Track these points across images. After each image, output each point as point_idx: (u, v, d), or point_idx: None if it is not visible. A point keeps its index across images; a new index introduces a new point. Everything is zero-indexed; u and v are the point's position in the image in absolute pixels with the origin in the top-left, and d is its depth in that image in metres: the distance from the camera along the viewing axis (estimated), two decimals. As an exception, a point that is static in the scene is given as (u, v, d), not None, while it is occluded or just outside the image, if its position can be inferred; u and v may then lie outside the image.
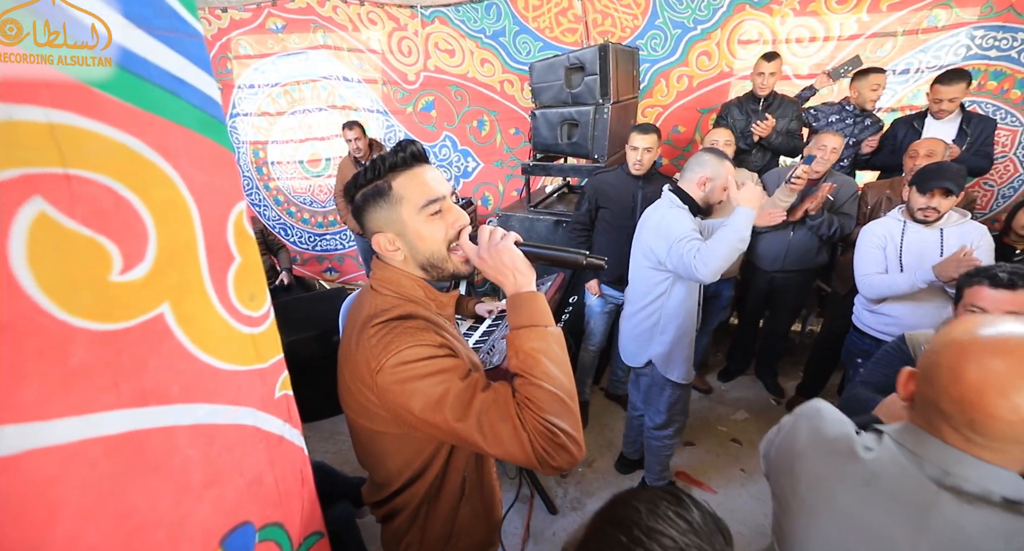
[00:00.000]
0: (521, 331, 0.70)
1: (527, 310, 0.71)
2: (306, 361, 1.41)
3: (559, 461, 0.64)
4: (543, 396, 0.65)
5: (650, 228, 1.65)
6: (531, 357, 0.67)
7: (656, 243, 1.60)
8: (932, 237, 1.74)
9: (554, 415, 0.64)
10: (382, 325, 0.70)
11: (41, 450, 0.37)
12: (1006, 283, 0.99)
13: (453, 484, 0.83)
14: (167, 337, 0.49)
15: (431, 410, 0.66)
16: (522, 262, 0.73)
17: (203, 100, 0.51)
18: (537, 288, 0.75)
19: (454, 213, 0.77)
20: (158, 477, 0.48)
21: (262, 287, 0.62)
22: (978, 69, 2.62)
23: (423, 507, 0.83)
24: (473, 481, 0.86)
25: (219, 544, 0.57)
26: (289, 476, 0.71)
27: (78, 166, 0.39)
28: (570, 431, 0.64)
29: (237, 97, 3.68)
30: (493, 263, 0.73)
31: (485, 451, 0.67)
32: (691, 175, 1.61)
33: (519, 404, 0.66)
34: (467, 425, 0.65)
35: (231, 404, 0.58)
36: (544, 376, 0.66)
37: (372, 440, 0.79)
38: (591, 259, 0.75)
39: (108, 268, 0.43)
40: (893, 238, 1.80)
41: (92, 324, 0.41)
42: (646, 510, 0.47)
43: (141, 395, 0.46)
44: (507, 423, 0.64)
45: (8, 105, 0.34)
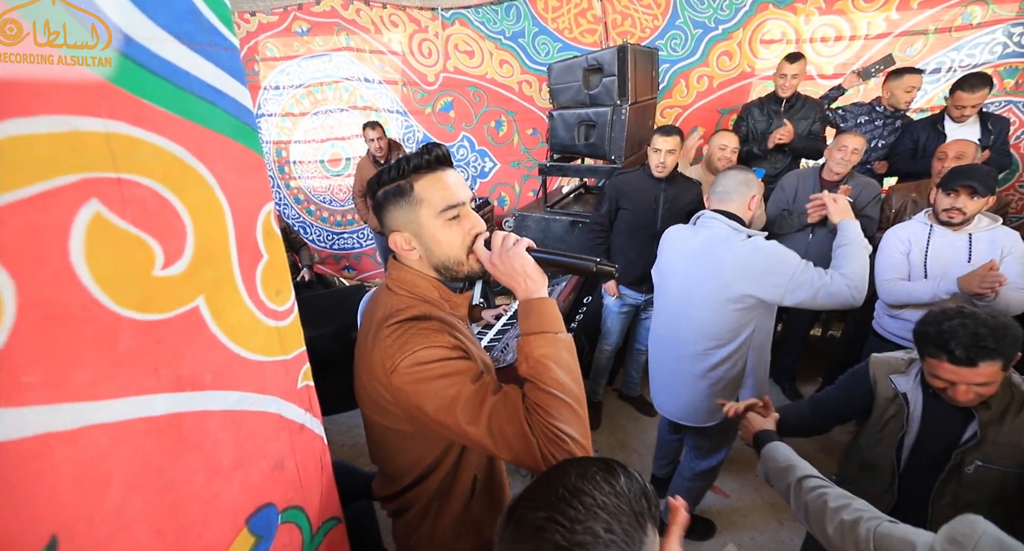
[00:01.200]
0: (531, 337, 0.70)
1: (537, 316, 0.71)
2: (325, 356, 1.45)
3: None
4: (552, 402, 0.65)
5: (739, 265, 1.40)
6: (541, 363, 0.68)
7: (761, 280, 1.39)
8: (960, 242, 1.66)
9: (562, 421, 0.65)
10: (397, 325, 0.72)
11: (95, 427, 0.41)
12: (964, 361, 0.96)
13: (464, 482, 0.84)
14: (201, 328, 0.53)
15: (444, 411, 0.67)
16: (533, 268, 0.74)
17: (237, 108, 0.55)
18: (551, 288, 0.77)
19: (471, 219, 0.78)
20: (193, 457, 0.53)
21: (287, 283, 0.66)
22: (1016, 68, 2.52)
23: (434, 503, 0.84)
24: (484, 479, 0.87)
25: (245, 522, 0.62)
26: (310, 463, 0.75)
27: (128, 171, 0.43)
28: (578, 437, 0.65)
29: (263, 98, 3.79)
30: (505, 269, 0.73)
31: (494, 454, 0.68)
32: (738, 197, 1.47)
33: (528, 409, 0.66)
34: (478, 429, 0.66)
35: (257, 392, 0.62)
36: (553, 382, 0.67)
37: (386, 436, 0.81)
38: (602, 266, 0.76)
39: (152, 264, 0.47)
40: (918, 243, 1.73)
41: (137, 314, 0.45)
42: (576, 473, 0.50)
43: (178, 381, 0.50)
44: (516, 427, 0.65)
45: (71, 117, 0.38)
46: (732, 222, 1.45)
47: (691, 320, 1.52)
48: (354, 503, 1.46)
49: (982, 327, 0.97)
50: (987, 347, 0.96)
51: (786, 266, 1.36)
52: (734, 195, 1.48)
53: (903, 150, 2.44)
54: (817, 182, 2.26)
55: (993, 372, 0.96)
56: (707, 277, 1.46)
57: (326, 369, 1.29)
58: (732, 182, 1.49)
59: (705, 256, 1.46)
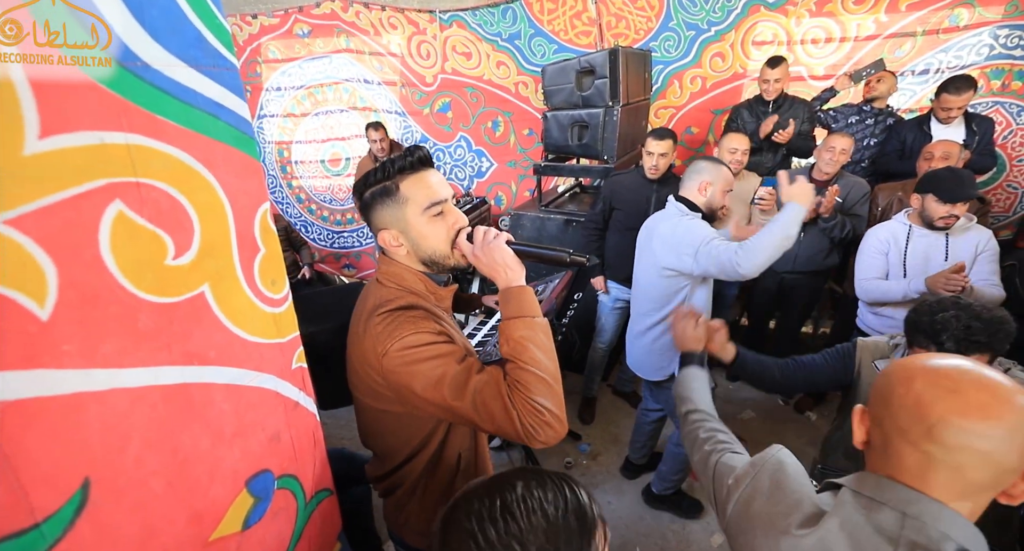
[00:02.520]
0: (511, 321, 0.76)
1: (516, 303, 0.78)
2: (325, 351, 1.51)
3: (544, 436, 0.71)
4: (531, 379, 0.72)
5: (663, 239, 1.62)
6: (520, 344, 0.74)
7: (675, 252, 1.58)
8: (938, 242, 1.71)
9: (540, 396, 0.71)
10: (387, 314, 0.78)
11: (119, 390, 0.50)
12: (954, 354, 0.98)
13: (449, 460, 0.90)
14: (206, 311, 0.61)
15: (431, 389, 0.73)
16: (512, 259, 0.80)
17: (237, 120, 0.63)
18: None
19: (454, 215, 0.84)
20: (199, 423, 0.61)
21: (282, 274, 0.74)
22: (1002, 69, 2.56)
23: (421, 481, 0.91)
24: (468, 459, 0.93)
25: (245, 484, 0.70)
26: (303, 437, 0.83)
27: (145, 176, 0.52)
28: (554, 410, 0.72)
29: (265, 99, 3.88)
30: (487, 260, 0.80)
31: (479, 427, 0.75)
32: (691, 183, 1.62)
33: (509, 386, 0.72)
34: (463, 403, 0.72)
35: (256, 370, 0.70)
36: (531, 361, 0.73)
37: (377, 419, 0.88)
38: (574, 256, 0.83)
39: (165, 254, 0.55)
40: (898, 243, 1.78)
41: (153, 297, 0.54)
42: (522, 490, 0.51)
43: (187, 356, 0.58)
44: (498, 402, 0.71)
45: (102, 132, 0.46)
46: (680, 205, 1.64)
47: (639, 284, 1.81)
48: (352, 489, 1.54)
49: (975, 320, 0.96)
50: (979, 341, 0.96)
51: (694, 239, 1.52)
52: (687, 182, 1.65)
53: (890, 150, 2.49)
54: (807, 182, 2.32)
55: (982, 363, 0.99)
56: (649, 249, 1.70)
57: (327, 364, 1.36)
58: (690, 171, 1.65)
59: (654, 231, 1.69)
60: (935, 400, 0.52)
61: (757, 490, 0.68)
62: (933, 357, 0.58)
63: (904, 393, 0.55)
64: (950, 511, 0.52)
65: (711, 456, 0.83)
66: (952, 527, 0.51)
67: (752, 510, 0.67)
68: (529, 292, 0.80)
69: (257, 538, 0.73)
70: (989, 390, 0.51)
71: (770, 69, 2.48)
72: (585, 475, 2.27)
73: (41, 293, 0.43)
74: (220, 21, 0.59)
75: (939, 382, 0.53)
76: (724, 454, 0.81)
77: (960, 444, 0.51)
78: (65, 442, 0.46)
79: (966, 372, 0.53)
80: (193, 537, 0.62)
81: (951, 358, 0.57)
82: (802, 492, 0.64)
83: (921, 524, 0.52)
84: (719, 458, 0.80)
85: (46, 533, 0.45)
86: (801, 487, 0.65)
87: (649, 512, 2.06)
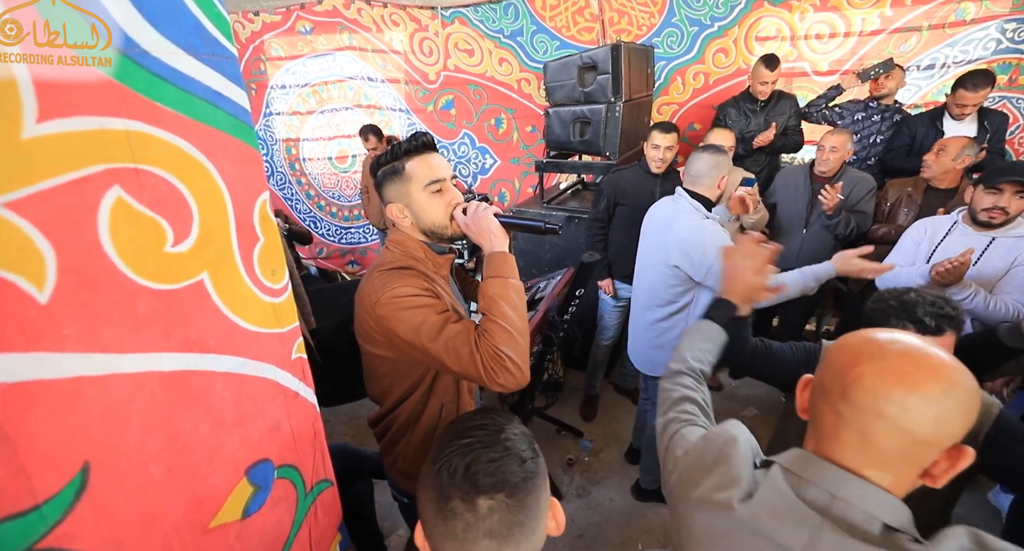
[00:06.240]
0: (489, 280, 0.87)
1: (496, 265, 0.89)
2: (329, 348, 1.51)
3: (503, 379, 0.81)
4: (497, 329, 0.83)
5: (681, 241, 1.56)
6: (492, 300, 0.85)
7: (689, 259, 1.53)
8: (979, 244, 1.52)
9: (504, 345, 0.82)
10: (385, 271, 0.92)
11: (118, 375, 0.50)
12: (934, 330, 0.95)
13: (433, 407, 1.02)
14: (206, 299, 0.61)
15: (411, 333, 0.85)
16: (497, 228, 0.92)
17: (235, 109, 0.63)
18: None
19: (452, 193, 0.96)
20: (199, 410, 0.61)
21: (282, 264, 0.74)
22: (1009, 64, 2.53)
23: (409, 425, 1.04)
24: (450, 409, 1.05)
25: (245, 472, 0.70)
26: (303, 427, 0.83)
27: (144, 162, 0.52)
28: (515, 358, 0.82)
29: (271, 97, 3.90)
30: (476, 229, 0.92)
31: (448, 368, 0.85)
32: (707, 179, 1.58)
33: (479, 334, 0.83)
34: (436, 346, 0.84)
35: (256, 359, 0.70)
36: (500, 315, 0.84)
37: (374, 363, 1.00)
38: (548, 225, 0.95)
39: (164, 241, 0.55)
40: (934, 236, 1.65)
41: (152, 284, 0.54)
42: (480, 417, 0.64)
43: (186, 343, 0.58)
44: (466, 348, 0.82)
45: (100, 118, 0.46)
46: (695, 202, 1.60)
47: (642, 278, 1.79)
48: (355, 484, 1.55)
49: (934, 298, 0.99)
50: (949, 315, 0.96)
51: (710, 252, 1.49)
52: (705, 179, 1.60)
53: (898, 146, 2.45)
54: (808, 179, 2.30)
55: (951, 345, 0.96)
56: (659, 243, 1.67)
57: (330, 360, 1.36)
58: (704, 166, 1.60)
59: (665, 226, 1.66)
60: (857, 363, 0.53)
61: (702, 463, 0.69)
62: (884, 330, 0.57)
63: (835, 356, 0.57)
64: (874, 489, 0.53)
65: (671, 424, 0.82)
66: (877, 506, 0.52)
67: (691, 480, 0.68)
68: (510, 258, 0.90)
69: (257, 526, 0.73)
70: (913, 359, 0.51)
71: (770, 71, 2.46)
72: (587, 472, 2.27)
73: (40, 277, 0.44)
74: (219, 10, 0.60)
75: (868, 348, 0.54)
76: (686, 425, 0.80)
77: (868, 406, 0.51)
78: (65, 425, 0.46)
79: (899, 342, 0.53)
80: (193, 523, 0.62)
81: (900, 333, 0.56)
82: (746, 468, 0.65)
83: (847, 505, 0.53)
84: (679, 428, 0.80)
85: (47, 515, 0.45)
86: (747, 462, 0.66)
87: (651, 508, 2.06)
